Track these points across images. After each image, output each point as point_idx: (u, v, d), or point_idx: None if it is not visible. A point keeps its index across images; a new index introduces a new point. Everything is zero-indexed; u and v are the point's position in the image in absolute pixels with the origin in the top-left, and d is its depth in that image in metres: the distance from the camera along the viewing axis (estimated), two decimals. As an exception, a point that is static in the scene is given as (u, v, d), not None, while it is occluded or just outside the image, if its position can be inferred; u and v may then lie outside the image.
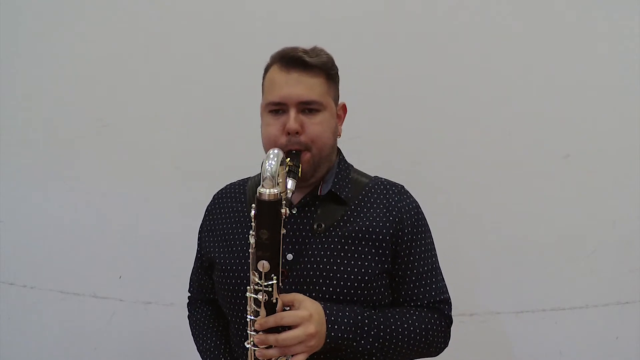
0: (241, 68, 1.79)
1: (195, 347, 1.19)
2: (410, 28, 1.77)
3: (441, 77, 1.77)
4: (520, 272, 1.81)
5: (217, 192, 1.22)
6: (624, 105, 1.75)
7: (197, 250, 1.24)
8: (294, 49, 1.05)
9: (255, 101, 1.83)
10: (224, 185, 1.23)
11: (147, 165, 1.88)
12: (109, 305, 1.92)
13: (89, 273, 1.92)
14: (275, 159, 0.84)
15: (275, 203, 0.82)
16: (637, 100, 1.74)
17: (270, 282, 0.86)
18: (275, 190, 0.82)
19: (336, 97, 1.11)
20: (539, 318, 1.82)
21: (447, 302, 1.10)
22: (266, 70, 1.09)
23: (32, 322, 1.95)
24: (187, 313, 1.27)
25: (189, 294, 1.28)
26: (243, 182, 1.20)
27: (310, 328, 0.88)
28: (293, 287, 1.00)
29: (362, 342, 0.96)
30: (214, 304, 1.21)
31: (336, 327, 0.94)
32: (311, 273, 1.01)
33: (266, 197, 0.82)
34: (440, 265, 1.12)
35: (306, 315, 0.89)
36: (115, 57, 1.86)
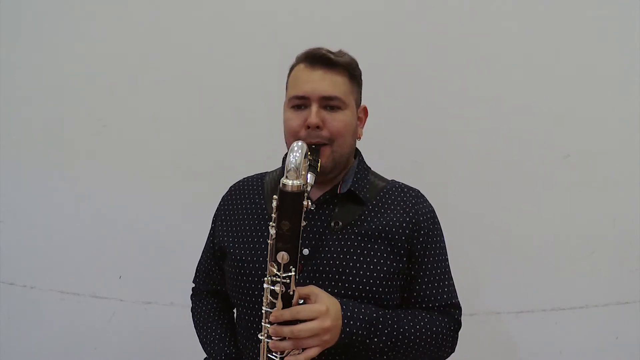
0: (241, 68, 1.79)
1: (198, 341, 1.18)
2: (410, 28, 1.77)
3: (441, 77, 1.78)
4: (520, 272, 1.81)
5: (235, 184, 1.23)
6: (624, 105, 1.76)
7: (209, 239, 1.23)
8: (319, 48, 1.07)
9: (255, 101, 1.83)
10: (241, 178, 1.23)
11: (147, 165, 1.88)
12: (109, 305, 1.92)
13: (89, 273, 1.92)
14: (300, 151, 0.85)
15: (299, 194, 0.83)
16: (637, 100, 1.75)
17: (288, 274, 0.86)
18: (299, 182, 0.83)
19: (358, 100, 1.13)
20: (539, 318, 1.82)
21: (458, 307, 1.11)
22: (291, 69, 1.11)
23: (32, 322, 1.94)
24: (190, 307, 1.26)
25: (194, 285, 1.28)
26: (261, 176, 1.20)
27: (326, 322, 0.89)
28: (307, 282, 1.00)
29: (375, 339, 0.97)
30: (220, 296, 1.22)
31: (352, 322, 0.94)
32: (327, 269, 1.02)
33: (289, 189, 0.82)
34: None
35: (323, 309, 0.89)
36: (115, 57, 1.86)
